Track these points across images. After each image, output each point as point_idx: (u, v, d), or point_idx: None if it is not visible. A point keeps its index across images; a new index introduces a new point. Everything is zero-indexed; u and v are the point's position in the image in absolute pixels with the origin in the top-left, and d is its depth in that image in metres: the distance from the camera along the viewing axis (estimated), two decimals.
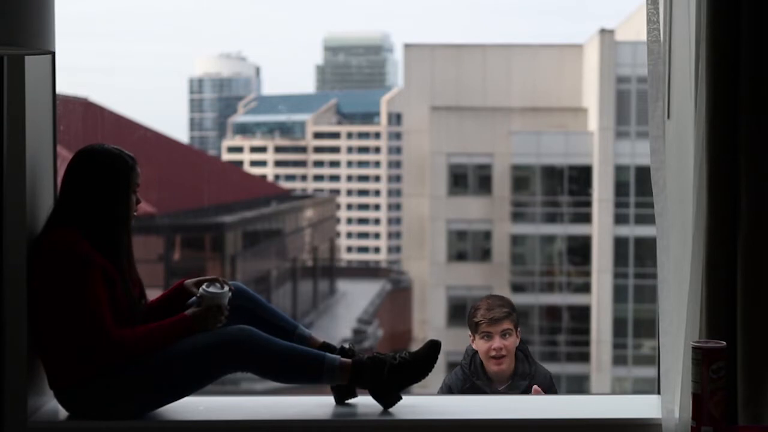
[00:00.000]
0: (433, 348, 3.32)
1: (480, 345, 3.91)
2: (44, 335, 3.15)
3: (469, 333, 3.98)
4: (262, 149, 62.11)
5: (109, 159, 3.22)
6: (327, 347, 3.37)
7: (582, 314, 29.05)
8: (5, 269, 3.26)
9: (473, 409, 3.51)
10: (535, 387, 3.81)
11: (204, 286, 3.26)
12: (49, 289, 3.11)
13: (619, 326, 28.04)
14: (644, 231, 27.05)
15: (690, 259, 3.13)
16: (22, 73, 3.25)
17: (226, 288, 3.27)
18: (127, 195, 3.23)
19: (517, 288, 29.99)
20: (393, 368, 3.29)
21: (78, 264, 3.08)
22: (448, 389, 3.95)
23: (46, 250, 3.14)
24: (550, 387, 3.91)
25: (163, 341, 3.15)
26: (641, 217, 27.62)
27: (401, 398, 3.32)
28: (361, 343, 30.39)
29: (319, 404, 3.55)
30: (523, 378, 3.90)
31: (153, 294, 3.50)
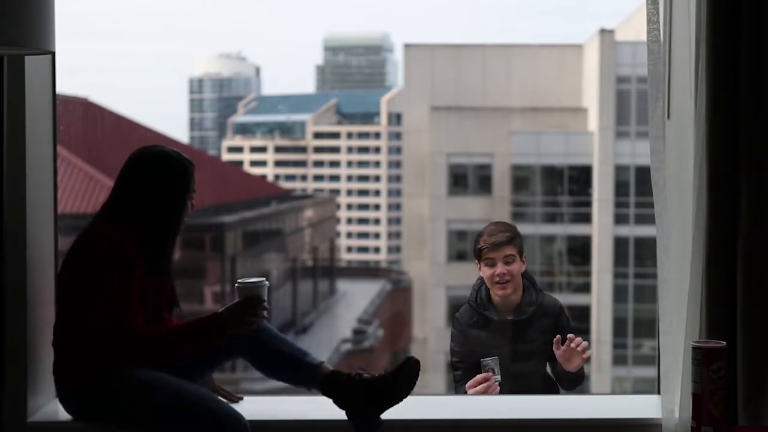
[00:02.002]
0: (410, 367, 3.16)
1: (485, 272, 3.89)
2: (67, 327, 3.08)
3: (475, 261, 3.98)
4: (262, 149, 62.03)
5: (168, 162, 3.16)
6: (336, 376, 3.18)
7: (582, 314, 29.03)
8: (5, 269, 3.26)
9: (473, 409, 3.52)
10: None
11: (241, 279, 3.12)
12: (83, 283, 3.04)
13: (619, 326, 28.01)
14: (644, 231, 27.02)
15: (690, 259, 3.13)
16: (22, 73, 3.25)
17: (264, 278, 3.12)
18: (183, 200, 3.17)
19: None
20: (370, 390, 3.12)
21: (118, 265, 3.01)
22: (456, 322, 3.95)
23: (91, 245, 3.08)
24: (560, 315, 3.88)
25: (190, 340, 3.06)
26: (641, 217, 27.59)
27: (381, 424, 3.15)
28: (361, 343, 30.37)
29: (319, 404, 3.55)
30: (530, 305, 3.88)
31: None
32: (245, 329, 3.09)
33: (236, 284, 3.09)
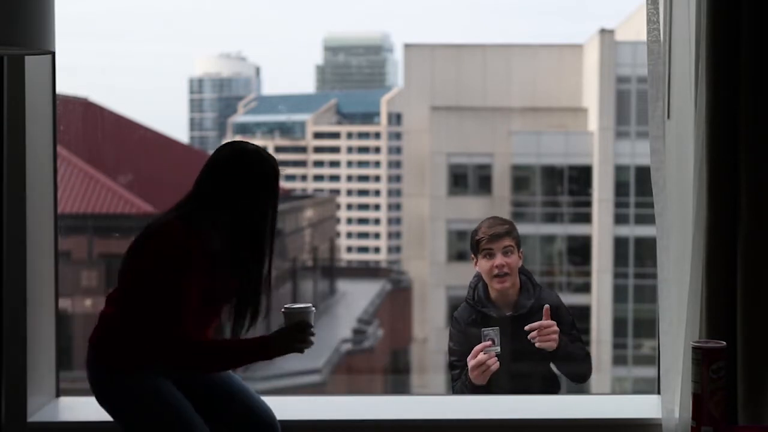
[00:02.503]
0: None
1: (483, 265, 3.84)
2: (119, 309, 2.97)
3: (472, 256, 3.94)
4: None
5: (259, 160, 3.01)
6: None
7: (582, 314, 29.02)
8: (5, 269, 3.26)
9: (473, 409, 3.51)
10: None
11: (287, 305, 3.02)
12: (141, 275, 2.92)
13: (619, 326, 28.01)
14: (644, 231, 27.02)
15: (690, 259, 3.13)
16: (22, 73, 3.25)
17: (311, 305, 3.03)
18: (269, 205, 3.01)
19: None
20: None
21: (178, 264, 2.87)
22: (455, 321, 3.91)
23: (155, 238, 2.93)
24: (558, 309, 3.82)
25: (235, 359, 2.97)
26: (641, 217, 27.58)
27: None
28: (361, 343, 30.36)
29: (319, 404, 3.55)
30: (528, 299, 3.85)
31: None
32: (294, 351, 3.00)
33: (283, 309, 3.01)
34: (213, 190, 2.98)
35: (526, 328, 3.68)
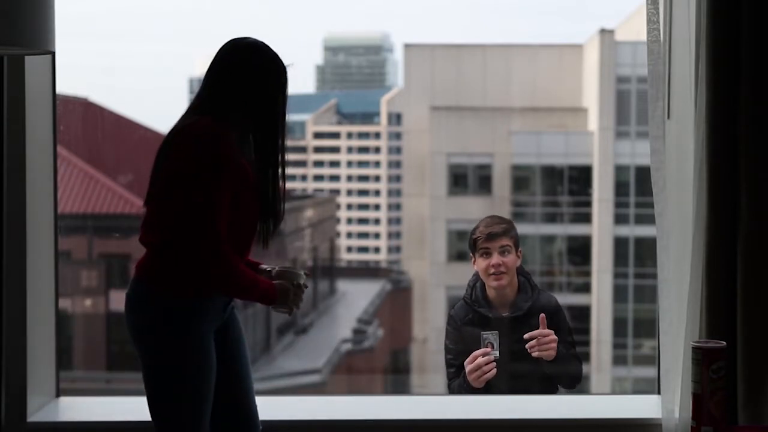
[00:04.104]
0: None
1: (479, 263, 3.83)
2: (158, 217, 2.84)
3: (470, 255, 3.94)
4: None
5: (269, 57, 2.97)
6: None
7: (582, 314, 29.03)
8: (5, 269, 3.26)
9: (473, 409, 3.52)
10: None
11: (282, 266, 3.01)
12: (175, 177, 2.79)
13: (619, 326, 28.01)
14: (644, 231, 27.02)
15: (690, 259, 3.13)
16: (22, 73, 3.25)
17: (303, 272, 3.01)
18: (278, 99, 2.96)
19: None
20: None
21: (214, 160, 2.77)
22: (451, 319, 3.90)
23: (186, 137, 2.82)
24: (556, 313, 3.80)
25: (243, 290, 2.86)
26: (641, 217, 27.58)
27: None
28: (361, 343, 30.38)
29: (320, 404, 3.55)
30: (526, 301, 3.84)
31: None
32: (287, 307, 2.95)
33: (280, 269, 3.00)
34: (231, 88, 2.93)
35: (525, 336, 3.67)
